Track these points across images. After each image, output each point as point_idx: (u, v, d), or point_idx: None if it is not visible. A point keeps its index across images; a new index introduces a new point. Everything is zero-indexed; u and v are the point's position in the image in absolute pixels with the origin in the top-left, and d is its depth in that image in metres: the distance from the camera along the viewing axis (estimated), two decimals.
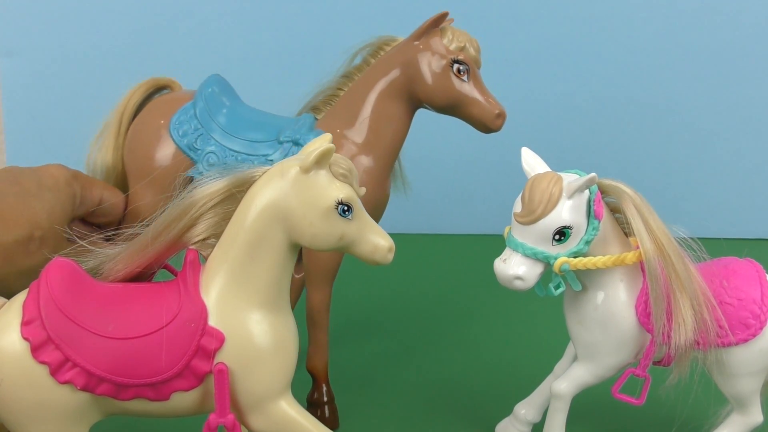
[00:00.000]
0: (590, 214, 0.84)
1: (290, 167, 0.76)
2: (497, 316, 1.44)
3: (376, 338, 1.35)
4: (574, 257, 0.84)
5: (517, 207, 0.84)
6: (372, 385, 1.20)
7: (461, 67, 1.02)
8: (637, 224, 0.84)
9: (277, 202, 0.75)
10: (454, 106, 1.03)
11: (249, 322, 0.77)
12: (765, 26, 1.82)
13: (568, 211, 0.82)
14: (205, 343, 0.75)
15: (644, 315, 0.87)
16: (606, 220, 0.86)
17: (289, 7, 1.80)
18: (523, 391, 1.04)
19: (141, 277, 0.81)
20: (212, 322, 0.76)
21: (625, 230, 0.88)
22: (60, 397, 0.73)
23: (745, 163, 1.91)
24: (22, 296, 0.76)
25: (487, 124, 1.03)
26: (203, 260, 0.79)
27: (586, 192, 0.84)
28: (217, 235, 0.78)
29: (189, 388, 0.76)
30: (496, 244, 0.90)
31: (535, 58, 1.82)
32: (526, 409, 1.02)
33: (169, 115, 1.05)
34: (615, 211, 0.88)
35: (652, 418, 1.09)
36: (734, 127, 1.89)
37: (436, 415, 1.11)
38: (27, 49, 1.84)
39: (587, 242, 0.84)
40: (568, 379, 0.92)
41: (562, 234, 0.82)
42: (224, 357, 0.76)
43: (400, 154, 1.09)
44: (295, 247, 0.78)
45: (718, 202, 1.93)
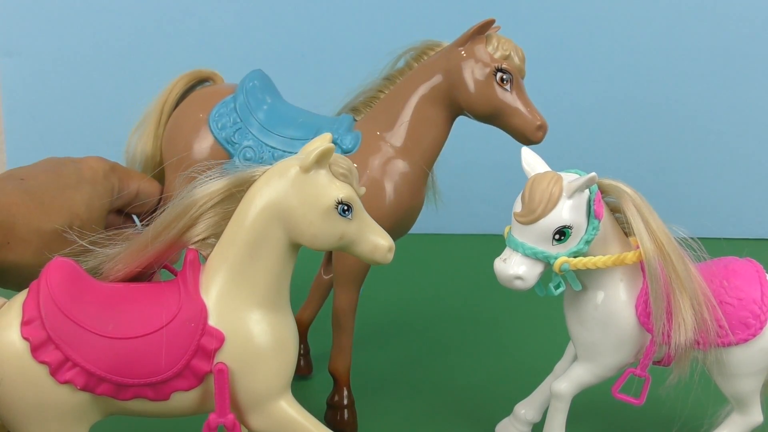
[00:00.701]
0: (590, 213, 0.84)
1: (290, 167, 0.76)
2: (497, 316, 1.44)
3: (375, 340, 1.35)
4: (574, 257, 0.84)
5: (517, 207, 0.84)
6: (371, 385, 1.19)
7: (505, 76, 0.99)
8: (637, 224, 0.84)
9: (277, 202, 0.75)
10: (495, 116, 1.01)
11: (249, 322, 0.77)
12: (765, 26, 1.82)
13: (568, 211, 0.82)
14: (205, 343, 0.75)
15: (644, 315, 0.87)
16: (606, 219, 0.86)
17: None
18: (523, 391, 1.04)
19: (141, 276, 0.81)
20: (212, 322, 0.76)
21: (625, 230, 0.88)
22: (60, 397, 0.73)
23: (745, 163, 1.91)
24: (22, 296, 0.76)
25: (528, 136, 1.01)
26: (203, 260, 0.79)
27: (586, 192, 0.84)
28: (217, 234, 0.78)
29: (189, 388, 0.76)
30: (496, 244, 0.90)
31: (535, 58, 1.80)
32: (526, 409, 1.02)
33: (209, 107, 1.05)
34: (615, 210, 0.88)
35: (652, 418, 1.09)
36: (734, 127, 1.89)
37: (435, 414, 1.12)
38: (27, 49, 1.84)
39: (587, 242, 0.84)
40: (568, 379, 0.92)
41: (562, 234, 0.82)
42: (224, 357, 0.75)
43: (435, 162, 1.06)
44: (296, 247, 0.78)
45: (718, 202, 1.93)
